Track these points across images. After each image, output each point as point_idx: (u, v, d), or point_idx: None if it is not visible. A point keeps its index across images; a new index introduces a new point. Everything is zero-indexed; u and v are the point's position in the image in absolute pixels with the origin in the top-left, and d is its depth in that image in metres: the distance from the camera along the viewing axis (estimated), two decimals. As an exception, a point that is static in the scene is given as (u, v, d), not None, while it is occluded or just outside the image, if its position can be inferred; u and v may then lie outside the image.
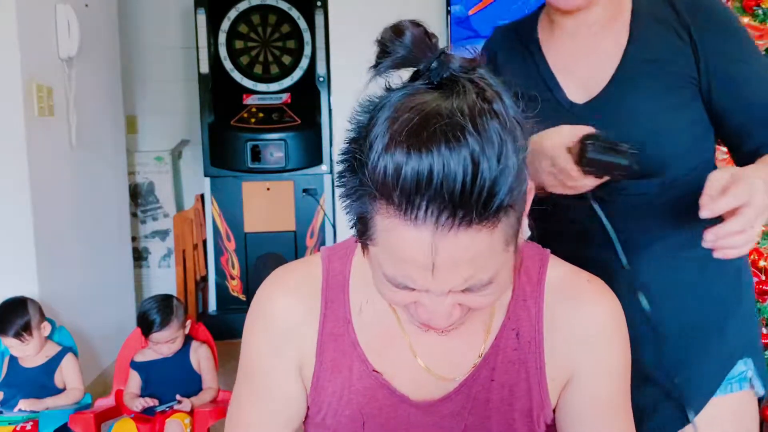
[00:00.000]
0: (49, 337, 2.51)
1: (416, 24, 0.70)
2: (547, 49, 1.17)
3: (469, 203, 0.63)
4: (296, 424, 0.91)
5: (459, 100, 0.65)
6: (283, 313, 0.88)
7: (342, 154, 0.71)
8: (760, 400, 1.16)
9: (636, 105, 1.08)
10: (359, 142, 0.69)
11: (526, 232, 0.74)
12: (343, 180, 0.71)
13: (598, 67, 1.11)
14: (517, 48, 1.20)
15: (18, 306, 2.39)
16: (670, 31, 1.08)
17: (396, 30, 0.69)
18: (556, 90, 1.14)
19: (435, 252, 0.65)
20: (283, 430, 0.90)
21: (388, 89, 0.71)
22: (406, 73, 0.72)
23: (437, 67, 0.68)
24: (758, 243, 2.25)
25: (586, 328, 0.85)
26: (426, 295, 0.71)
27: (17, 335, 2.35)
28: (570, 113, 1.10)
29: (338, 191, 0.73)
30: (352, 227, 0.72)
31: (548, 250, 0.90)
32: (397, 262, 0.68)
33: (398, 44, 0.69)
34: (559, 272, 0.89)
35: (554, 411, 0.88)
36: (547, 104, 1.10)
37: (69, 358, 2.46)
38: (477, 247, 0.66)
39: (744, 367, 1.12)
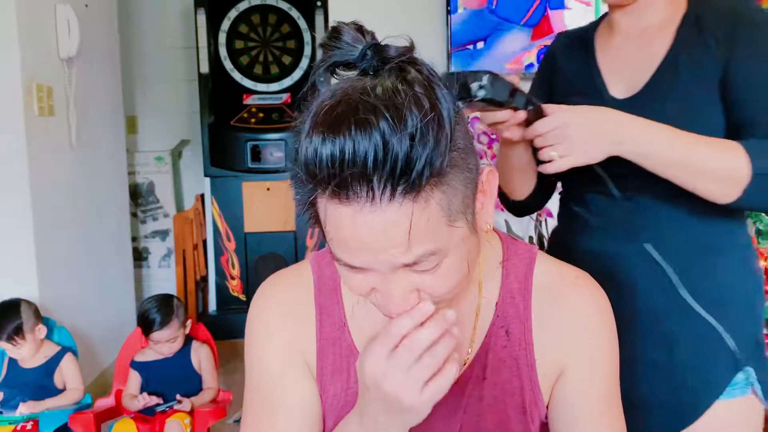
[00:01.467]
0: (49, 338, 2.51)
1: (353, 23, 0.73)
2: (600, 50, 1.24)
3: (384, 178, 0.65)
4: (318, 428, 0.90)
5: (376, 82, 0.68)
6: (283, 324, 0.89)
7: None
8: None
9: (663, 108, 1.11)
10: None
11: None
12: (289, 172, 0.75)
13: (642, 68, 1.16)
14: (576, 50, 1.28)
15: (9, 310, 2.38)
16: (710, 37, 1.10)
17: (333, 31, 0.73)
18: (602, 86, 1.20)
19: (365, 226, 0.67)
20: None
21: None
22: None
23: (370, 56, 0.71)
24: (758, 243, 2.26)
25: (574, 323, 0.86)
26: (379, 277, 0.72)
27: (9, 339, 2.35)
28: (611, 108, 1.14)
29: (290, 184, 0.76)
30: (303, 213, 0.75)
31: (536, 248, 0.92)
32: (340, 241, 0.70)
33: (336, 43, 0.72)
34: (547, 269, 0.89)
35: (547, 407, 0.89)
36: (591, 100, 1.16)
37: (68, 358, 2.46)
38: (409, 220, 0.67)
39: (744, 376, 1.13)
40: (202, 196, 4.12)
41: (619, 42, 1.21)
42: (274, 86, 4.00)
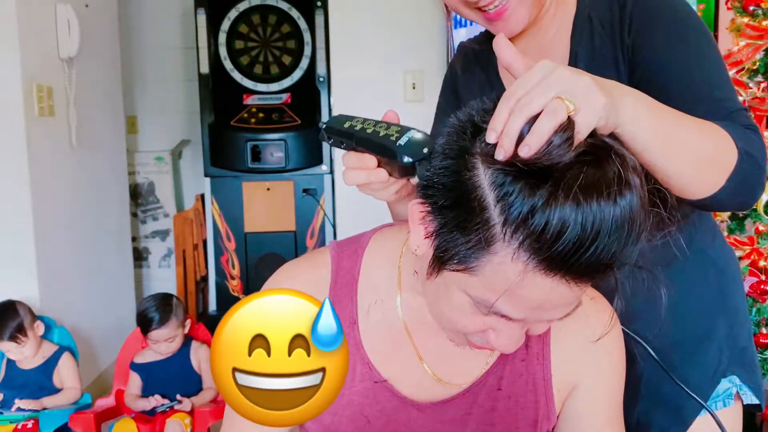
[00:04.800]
0: (49, 338, 2.51)
1: None
2: (504, 74, 1.14)
3: (606, 270, 0.67)
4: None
5: (616, 168, 0.66)
6: None
7: (441, 177, 0.70)
8: (754, 407, 1.11)
9: None
10: (471, 174, 0.67)
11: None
12: (445, 210, 0.70)
13: None
14: (476, 72, 1.18)
15: (8, 309, 2.40)
16: (614, 35, 1.04)
17: None
18: None
19: (559, 297, 0.69)
20: None
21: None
22: None
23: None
24: (758, 243, 2.25)
25: (589, 341, 0.88)
26: (508, 323, 0.73)
27: (12, 337, 2.35)
28: None
29: (421, 214, 0.72)
30: (441, 253, 0.71)
31: None
32: (507, 295, 0.69)
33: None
34: None
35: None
36: None
37: (66, 357, 2.46)
38: (582, 292, 0.70)
39: (729, 384, 1.08)
40: (202, 196, 4.12)
41: None
42: (274, 86, 4.00)
